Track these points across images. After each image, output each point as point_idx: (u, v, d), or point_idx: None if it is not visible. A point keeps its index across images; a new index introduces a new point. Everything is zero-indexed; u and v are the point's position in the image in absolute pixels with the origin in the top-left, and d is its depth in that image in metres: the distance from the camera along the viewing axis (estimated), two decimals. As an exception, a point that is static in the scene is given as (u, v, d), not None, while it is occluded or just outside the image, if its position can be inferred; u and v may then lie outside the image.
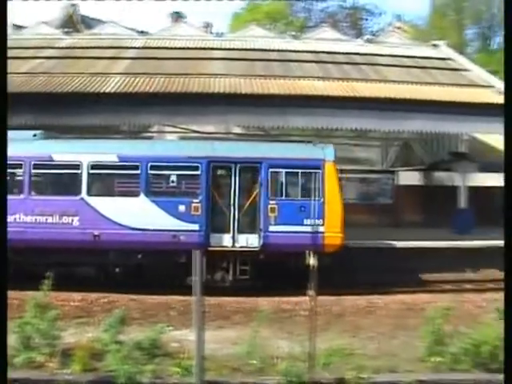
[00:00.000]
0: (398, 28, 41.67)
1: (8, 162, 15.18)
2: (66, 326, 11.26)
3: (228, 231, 16.22)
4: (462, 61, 27.11)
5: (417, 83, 22.63)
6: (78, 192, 16.14)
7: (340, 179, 17.06)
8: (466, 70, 25.69)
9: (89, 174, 16.19)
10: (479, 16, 53.16)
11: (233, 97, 20.32)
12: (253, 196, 16.37)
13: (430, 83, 22.85)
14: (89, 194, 16.17)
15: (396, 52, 27.12)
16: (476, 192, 24.83)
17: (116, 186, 16.73)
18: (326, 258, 14.88)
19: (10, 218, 14.66)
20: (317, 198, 16.26)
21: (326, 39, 28.74)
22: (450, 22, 49.93)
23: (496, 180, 26.66)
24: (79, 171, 16.15)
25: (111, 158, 16.37)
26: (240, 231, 16.26)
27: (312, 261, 11.70)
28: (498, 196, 27.38)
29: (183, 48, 26.37)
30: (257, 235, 16.23)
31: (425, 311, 11.75)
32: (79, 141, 18.16)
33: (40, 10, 63.20)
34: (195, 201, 16.03)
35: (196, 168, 16.26)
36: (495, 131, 19.76)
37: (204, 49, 26.55)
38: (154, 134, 28.42)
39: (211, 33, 31.59)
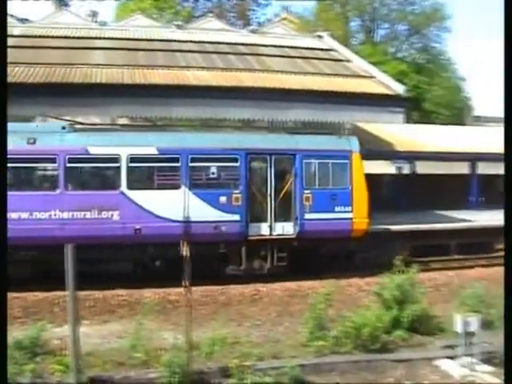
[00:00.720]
0: (285, 19, 42.29)
1: (41, 156, 15.43)
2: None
3: (265, 220, 16.86)
4: (344, 52, 27.86)
5: (300, 73, 23.04)
6: (117, 186, 15.95)
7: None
8: (348, 60, 26.39)
9: (128, 167, 16.00)
10: (363, 9, 54.83)
11: (115, 87, 19.81)
12: (288, 186, 17.14)
13: (313, 73, 23.33)
14: (128, 187, 15.99)
15: (280, 43, 27.52)
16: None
17: (156, 179, 16.51)
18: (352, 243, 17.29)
19: (45, 215, 15.00)
20: (345, 186, 17.47)
21: (211, 29, 28.73)
22: (335, 14, 51.27)
23: (378, 167, 27.74)
24: (118, 164, 15.94)
25: (150, 151, 16.27)
26: (277, 220, 16.97)
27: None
28: (381, 183, 28.66)
29: (65, 37, 25.40)
30: (292, 223, 17.01)
31: (309, 297, 12.00)
32: (115, 133, 17.81)
33: None
34: (235, 192, 16.48)
35: (235, 160, 16.75)
36: (376, 120, 20.41)
37: (86, 38, 25.72)
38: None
39: (96, 22, 30.58)
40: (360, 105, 21.09)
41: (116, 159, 16.01)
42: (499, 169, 37.15)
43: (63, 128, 16.44)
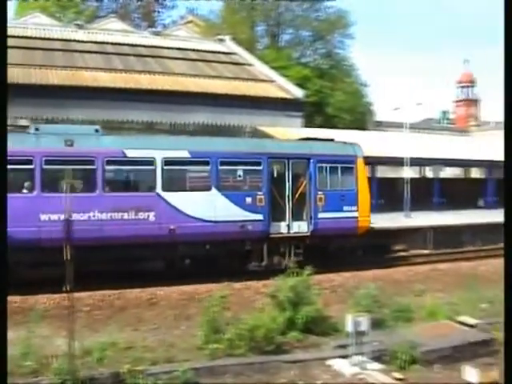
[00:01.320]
0: (190, 22, 42.10)
1: (79, 158, 15.50)
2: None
3: (284, 219, 17.92)
4: (246, 56, 28.10)
5: (201, 76, 23.07)
6: (153, 187, 16.33)
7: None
8: (249, 64, 26.67)
9: (163, 169, 16.38)
10: (268, 14, 55.29)
11: (10, 87, 18.97)
12: (302, 187, 18.22)
13: (214, 77, 23.43)
14: (163, 189, 16.34)
15: (183, 45, 27.44)
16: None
17: (188, 181, 17.09)
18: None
19: (84, 216, 15.05)
20: (352, 188, 18.95)
21: (112, 30, 28.18)
22: (241, 18, 51.44)
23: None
24: (153, 167, 16.29)
25: (183, 154, 16.79)
26: (294, 219, 18.04)
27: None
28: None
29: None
30: (306, 222, 18.19)
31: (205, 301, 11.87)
32: (150, 137, 18.89)
33: None
34: (259, 193, 17.40)
35: (259, 163, 17.63)
36: (276, 124, 20.62)
37: (-22, 35, 24.53)
38: None
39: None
40: (260, 108, 21.33)
41: (151, 162, 16.34)
42: (397, 172, 38.46)
43: (96, 131, 16.63)
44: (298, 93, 22.81)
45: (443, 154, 30.97)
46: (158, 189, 16.36)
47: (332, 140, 20.22)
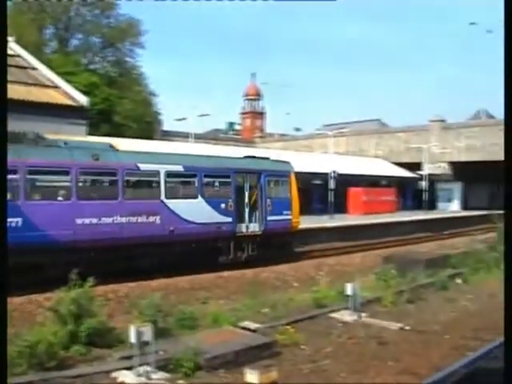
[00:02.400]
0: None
1: (105, 170, 18.58)
2: None
3: (244, 221, 22.29)
4: (30, 59, 26.75)
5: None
6: (158, 196, 19.61)
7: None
8: (33, 68, 25.44)
9: (165, 180, 19.76)
10: (57, 17, 53.34)
11: None
12: (255, 196, 22.96)
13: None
14: (166, 197, 19.74)
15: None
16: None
17: (182, 190, 21.04)
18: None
19: (108, 220, 17.98)
20: (287, 196, 24.35)
21: None
22: (29, 20, 48.92)
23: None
24: (158, 178, 19.61)
25: (179, 168, 20.53)
26: (250, 221, 22.51)
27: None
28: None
29: None
30: (258, 223, 22.75)
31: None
32: (154, 153, 22.43)
33: None
34: (230, 200, 21.61)
35: (228, 176, 22.04)
36: (59, 131, 19.92)
37: None
38: None
39: None
40: (43, 115, 20.48)
41: (157, 174, 19.63)
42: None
43: (111, 146, 19.87)
44: (83, 100, 22.27)
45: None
46: (162, 197, 19.72)
47: (268, 158, 25.45)
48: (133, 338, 9.59)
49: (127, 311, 13.72)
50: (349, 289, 13.96)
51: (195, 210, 20.59)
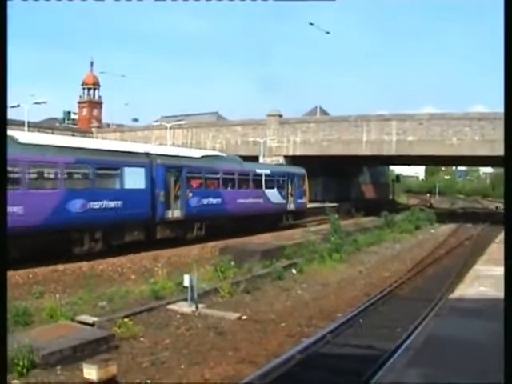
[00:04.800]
0: None
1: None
2: None
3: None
4: None
5: None
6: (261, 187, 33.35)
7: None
8: None
9: (265, 179, 33.91)
10: None
11: None
12: (292, 188, 35.34)
13: None
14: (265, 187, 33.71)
15: None
16: None
17: (270, 184, 34.80)
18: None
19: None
20: (304, 189, 38.52)
21: None
22: None
23: None
24: (260, 178, 33.39)
25: (270, 172, 35.15)
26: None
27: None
28: None
29: None
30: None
31: None
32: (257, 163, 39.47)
33: None
34: (284, 191, 33.83)
35: (284, 176, 36.42)
36: None
37: None
38: None
39: None
40: None
41: (261, 175, 33.32)
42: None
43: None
44: None
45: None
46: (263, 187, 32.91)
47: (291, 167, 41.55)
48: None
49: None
50: (186, 280, 14.16)
51: (275, 196, 34.24)
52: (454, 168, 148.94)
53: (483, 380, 6.30)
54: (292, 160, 47.79)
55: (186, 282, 14.15)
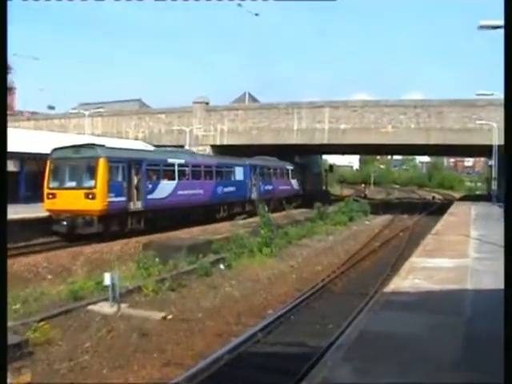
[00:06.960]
0: None
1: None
2: None
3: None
4: None
5: None
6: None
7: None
8: None
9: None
10: None
11: None
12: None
13: None
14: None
15: None
16: None
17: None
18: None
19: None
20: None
21: None
22: None
23: None
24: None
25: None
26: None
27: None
28: None
29: None
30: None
31: None
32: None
33: None
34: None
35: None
36: None
37: None
38: None
39: None
40: None
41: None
42: None
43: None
44: None
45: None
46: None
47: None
48: None
49: None
50: (107, 278, 14.00)
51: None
52: (389, 157, 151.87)
53: (420, 372, 6.52)
54: (220, 150, 47.66)
55: (107, 281, 13.98)
